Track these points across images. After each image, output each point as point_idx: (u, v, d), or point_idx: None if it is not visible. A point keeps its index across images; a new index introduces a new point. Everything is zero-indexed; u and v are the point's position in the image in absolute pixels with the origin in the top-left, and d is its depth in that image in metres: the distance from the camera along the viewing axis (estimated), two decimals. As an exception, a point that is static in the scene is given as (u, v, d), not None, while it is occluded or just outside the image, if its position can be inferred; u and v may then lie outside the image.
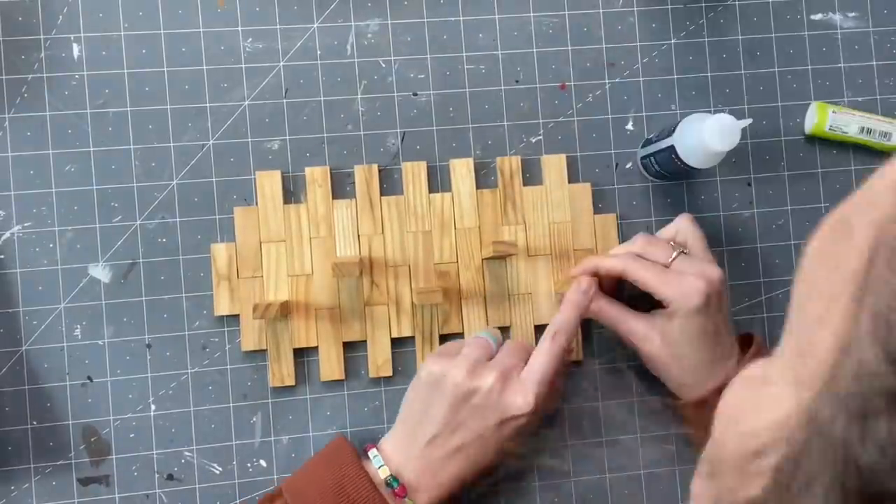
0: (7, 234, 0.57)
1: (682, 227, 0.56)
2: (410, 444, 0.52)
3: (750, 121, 0.53)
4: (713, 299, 0.52)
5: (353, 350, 0.59)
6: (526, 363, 0.52)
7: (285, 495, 0.51)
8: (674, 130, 0.54)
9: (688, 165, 0.54)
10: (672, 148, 0.54)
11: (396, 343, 0.59)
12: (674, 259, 0.53)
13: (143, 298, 0.57)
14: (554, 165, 0.60)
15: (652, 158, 0.58)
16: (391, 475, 0.51)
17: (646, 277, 0.53)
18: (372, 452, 0.52)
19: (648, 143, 0.59)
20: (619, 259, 0.54)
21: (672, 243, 0.55)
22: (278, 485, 0.56)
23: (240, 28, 0.59)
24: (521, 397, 0.50)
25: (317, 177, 0.58)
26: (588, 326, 0.60)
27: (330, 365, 0.58)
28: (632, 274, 0.53)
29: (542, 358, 0.51)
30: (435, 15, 0.61)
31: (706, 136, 0.51)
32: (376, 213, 0.59)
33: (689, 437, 0.58)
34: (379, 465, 0.51)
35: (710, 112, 0.62)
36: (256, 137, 0.59)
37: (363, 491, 0.49)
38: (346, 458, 0.52)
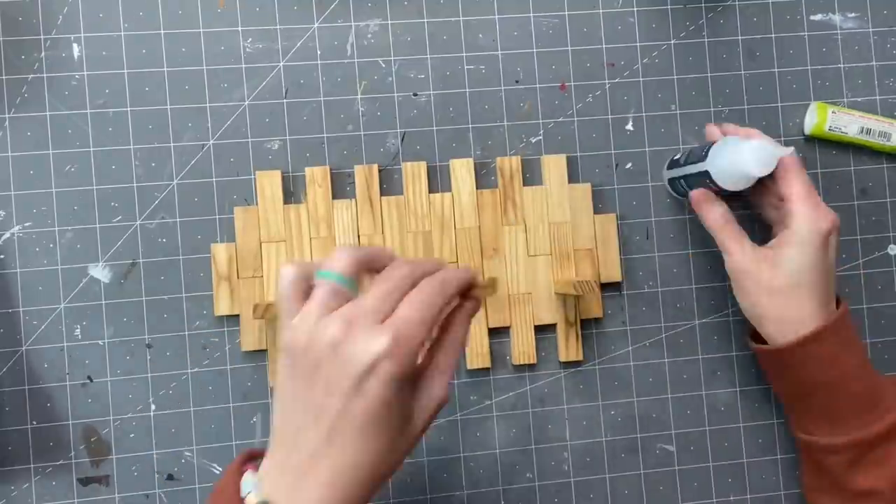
0: (7, 234, 0.57)
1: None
2: (279, 452, 0.39)
3: (791, 149, 0.52)
4: (834, 236, 0.52)
5: (353, 350, 0.59)
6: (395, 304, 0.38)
7: None
8: (705, 154, 0.54)
9: (723, 189, 0.53)
10: (706, 173, 0.53)
11: (396, 343, 0.59)
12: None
13: (143, 298, 0.57)
14: (554, 165, 0.60)
15: (682, 181, 0.57)
16: (260, 502, 0.38)
17: (802, 181, 0.52)
18: (245, 477, 0.41)
19: (675, 164, 0.58)
20: (789, 150, 0.52)
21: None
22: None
23: (240, 28, 0.59)
24: (374, 335, 0.36)
25: (317, 177, 0.58)
26: (588, 325, 0.60)
27: (330, 365, 0.58)
28: (794, 170, 0.52)
29: (422, 290, 0.38)
30: (435, 15, 0.61)
31: (744, 162, 0.51)
32: (376, 213, 0.59)
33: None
34: (247, 492, 0.39)
35: (711, 109, 0.62)
36: (256, 137, 0.59)
37: None
38: (227, 492, 0.41)
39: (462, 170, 0.59)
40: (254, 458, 0.42)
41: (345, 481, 0.38)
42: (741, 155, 0.51)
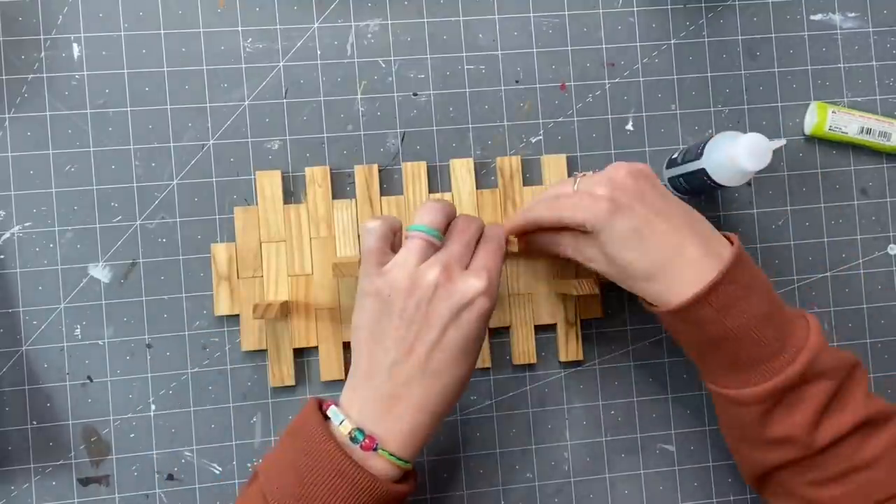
0: (7, 234, 0.57)
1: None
2: (368, 386, 0.46)
3: (784, 141, 0.52)
4: (627, 196, 0.46)
5: (353, 350, 0.59)
6: (471, 253, 0.48)
7: (260, 477, 0.46)
8: (702, 151, 0.54)
9: (719, 185, 0.54)
10: (703, 170, 0.54)
11: (396, 343, 0.59)
12: (577, 185, 0.49)
13: (143, 298, 0.57)
14: (554, 165, 0.60)
15: (681, 179, 0.58)
16: (354, 429, 0.45)
17: (552, 215, 0.49)
18: (331, 411, 0.46)
19: (674, 163, 0.59)
20: (523, 214, 0.51)
21: (575, 174, 0.51)
22: (257, 463, 0.55)
23: (240, 28, 0.59)
24: (473, 277, 0.46)
25: (317, 177, 0.58)
26: (588, 325, 0.60)
27: (330, 365, 0.58)
28: (541, 219, 0.49)
29: (489, 245, 0.49)
30: (435, 15, 0.61)
31: (738, 157, 0.51)
32: (376, 212, 0.59)
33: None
34: (339, 422, 0.45)
35: (711, 109, 0.62)
36: (256, 137, 0.59)
37: (327, 461, 0.44)
38: (311, 426, 0.46)
39: (462, 170, 0.59)
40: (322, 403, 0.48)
41: (433, 402, 0.46)
42: (736, 150, 0.51)
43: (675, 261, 0.46)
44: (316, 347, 0.58)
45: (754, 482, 0.51)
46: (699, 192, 0.58)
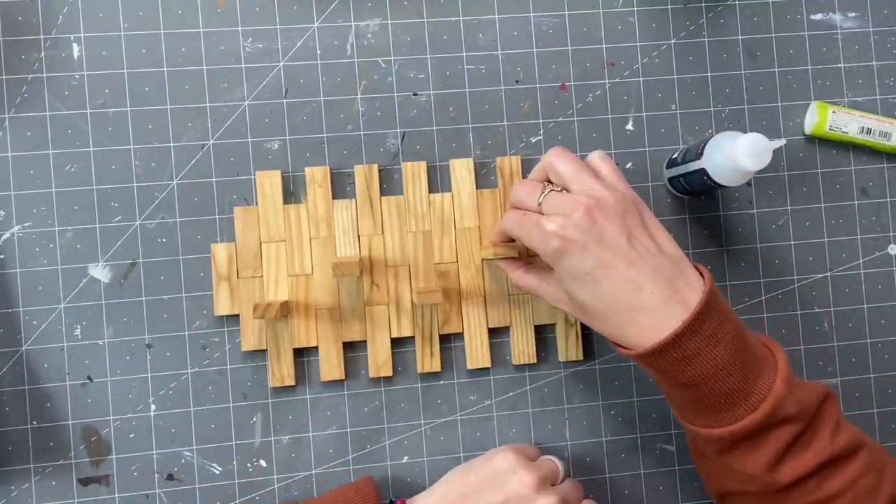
0: (7, 234, 0.57)
1: (546, 164, 0.49)
2: None
3: (783, 141, 0.52)
4: (581, 235, 0.45)
5: (353, 350, 0.59)
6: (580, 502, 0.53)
7: None
8: (702, 151, 0.54)
9: (719, 185, 0.54)
10: (703, 170, 0.54)
11: (396, 343, 0.59)
12: (542, 200, 0.48)
13: (143, 298, 0.57)
14: (554, 165, 0.60)
15: (681, 179, 0.58)
16: None
17: (511, 232, 0.49)
18: None
19: (674, 163, 0.59)
20: (500, 223, 0.52)
21: (544, 182, 0.49)
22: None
23: (240, 28, 0.59)
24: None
25: (317, 177, 0.58)
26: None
27: (330, 365, 0.58)
28: (509, 233, 0.50)
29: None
30: (435, 15, 0.61)
31: (739, 156, 0.51)
32: (376, 213, 0.59)
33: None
34: None
35: (711, 109, 0.62)
36: (256, 137, 0.59)
37: None
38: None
39: (462, 170, 0.59)
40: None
41: None
42: (736, 150, 0.51)
43: (632, 305, 0.45)
44: (316, 347, 0.58)
45: (717, 499, 0.52)
46: (699, 191, 0.58)
